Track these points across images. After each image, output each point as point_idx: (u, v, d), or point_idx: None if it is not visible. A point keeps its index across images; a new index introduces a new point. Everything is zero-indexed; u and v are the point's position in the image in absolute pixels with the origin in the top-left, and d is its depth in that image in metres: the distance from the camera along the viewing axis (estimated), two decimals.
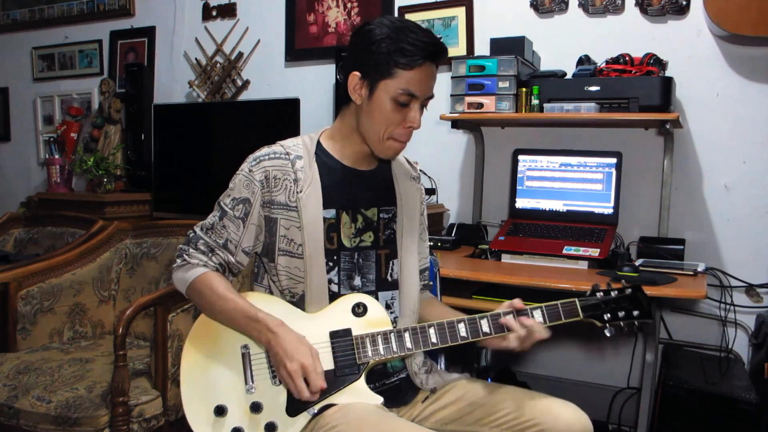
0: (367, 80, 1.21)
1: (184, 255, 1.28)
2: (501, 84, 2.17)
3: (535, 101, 2.15)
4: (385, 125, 1.22)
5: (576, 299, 1.23)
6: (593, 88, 2.05)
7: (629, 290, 1.25)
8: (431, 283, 1.53)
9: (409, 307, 1.34)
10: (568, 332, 2.43)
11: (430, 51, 1.18)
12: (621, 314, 1.23)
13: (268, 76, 3.05)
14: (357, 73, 1.22)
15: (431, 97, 1.24)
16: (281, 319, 1.21)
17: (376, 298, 1.31)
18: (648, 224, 2.28)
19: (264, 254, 1.30)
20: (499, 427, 1.22)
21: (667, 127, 2.01)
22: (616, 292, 1.25)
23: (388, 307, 1.33)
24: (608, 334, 1.23)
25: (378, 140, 1.24)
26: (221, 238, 1.27)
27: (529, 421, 1.20)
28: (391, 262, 1.35)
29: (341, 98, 1.30)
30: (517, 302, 1.25)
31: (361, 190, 1.32)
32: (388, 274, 1.34)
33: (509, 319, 1.22)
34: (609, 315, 1.23)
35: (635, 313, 1.23)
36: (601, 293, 1.25)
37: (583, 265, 1.97)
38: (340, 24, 2.88)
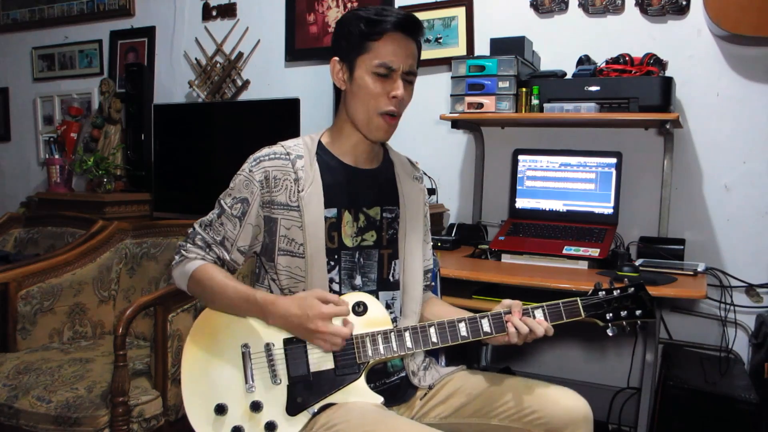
0: (345, 62, 1.25)
1: (182, 251, 1.29)
2: (501, 84, 2.17)
3: (535, 101, 2.15)
4: (369, 99, 1.23)
5: (578, 298, 1.23)
6: (593, 88, 2.05)
7: (632, 289, 1.24)
8: (433, 283, 1.53)
9: (412, 307, 1.34)
10: (568, 332, 2.43)
11: (397, 19, 1.21)
12: (623, 313, 1.22)
13: (268, 76, 3.05)
14: (336, 58, 1.27)
15: (414, 73, 1.26)
16: None
17: (377, 297, 1.31)
18: (648, 224, 2.28)
19: (263, 254, 1.31)
20: (497, 417, 1.22)
21: (667, 127, 2.01)
22: (618, 291, 1.24)
23: (387, 307, 1.33)
24: (610, 334, 1.23)
25: (366, 119, 1.25)
26: (218, 235, 1.27)
27: (527, 409, 1.20)
28: (393, 263, 1.35)
29: (340, 98, 1.31)
30: (517, 305, 1.23)
31: (363, 189, 1.32)
32: (390, 275, 1.35)
33: (513, 319, 1.21)
34: (611, 314, 1.22)
35: (638, 312, 1.22)
36: (603, 292, 1.24)
37: (583, 265, 1.97)
38: None
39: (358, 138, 1.30)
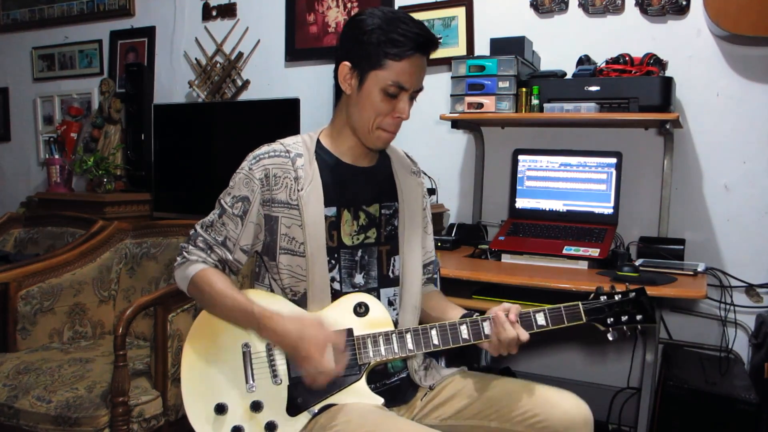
0: (357, 71, 1.22)
1: (184, 252, 1.29)
2: (501, 84, 2.17)
3: (535, 101, 2.14)
4: (374, 115, 1.23)
5: (579, 303, 1.22)
6: (593, 88, 2.05)
7: (633, 294, 1.23)
8: (435, 276, 1.51)
9: (411, 302, 1.33)
10: (568, 332, 2.42)
11: (420, 42, 1.19)
12: (624, 318, 1.22)
13: (268, 76, 3.05)
14: (347, 63, 1.23)
15: (421, 89, 1.26)
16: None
17: (378, 294, 1.31)
18: (648, 224, 2.28)
19: (265, 253, 1.30)
20: (498, 419, 1.22)
21: (667, 127, 2.01)
22: (619, 295, 1.23)
23: (390, 303, 1.33)
24: (611, 338, 1.22)
25: (367, 130, 1.25)
26: (220, 236, 1.27)
27: (528, 412, 1.20)
28: (392, 259, 1.35)
29: (339, 96, 1.30)
30: (513, 310, 1.22)
31: (362, 187, 1.32)
32: (390, 271, 1.35)
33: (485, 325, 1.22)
34: (612, 319, 1.22)
35: (639, 317, 1.22)
36: (605, 297, 1.23)
37: (583, 265, 1.96)
38: (340, 24, 2.88)
39: (356, 141, 1.30)
